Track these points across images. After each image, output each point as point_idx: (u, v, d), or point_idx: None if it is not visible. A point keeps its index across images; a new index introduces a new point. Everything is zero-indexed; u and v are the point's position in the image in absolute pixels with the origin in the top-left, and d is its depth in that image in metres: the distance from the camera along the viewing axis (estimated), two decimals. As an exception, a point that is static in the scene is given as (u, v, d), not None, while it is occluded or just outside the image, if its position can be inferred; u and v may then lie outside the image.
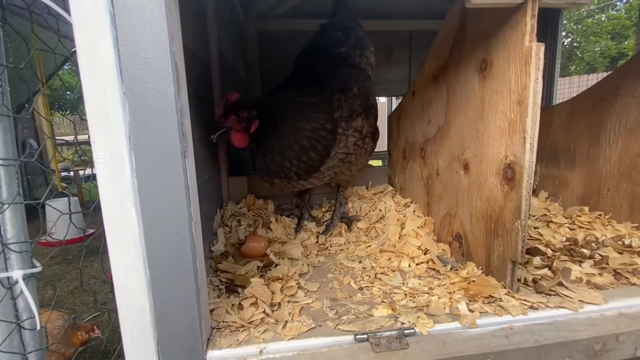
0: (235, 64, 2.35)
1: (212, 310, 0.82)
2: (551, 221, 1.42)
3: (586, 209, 1.41)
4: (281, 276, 1.02)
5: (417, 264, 1.11)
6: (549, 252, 1.15)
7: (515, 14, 0.78)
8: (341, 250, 1.28)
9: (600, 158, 1.36)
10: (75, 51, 0.57)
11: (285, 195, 1.71)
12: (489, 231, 0.93)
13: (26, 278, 0.62)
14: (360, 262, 1.15)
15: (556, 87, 2.56)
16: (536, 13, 0.75)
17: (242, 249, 1.24)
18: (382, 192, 1.69)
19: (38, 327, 0.61)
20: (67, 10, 0.57)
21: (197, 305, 0.68)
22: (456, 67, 1.05)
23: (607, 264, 1.03)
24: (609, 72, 1.34)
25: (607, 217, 1.33)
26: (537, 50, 0.74)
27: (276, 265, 1.13)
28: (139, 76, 0.59)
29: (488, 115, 0.91)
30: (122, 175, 0.61)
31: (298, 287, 0.97)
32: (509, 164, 0.84)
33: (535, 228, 1.37)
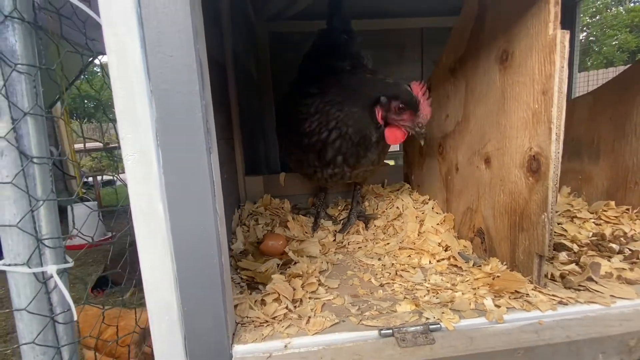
0: (247, 65, 2.38)
1: (235, 306, 0.82)
2: (575, 216, 1.38)
3: (612, 203, 1.36)
4: (301, 273, 1.02)
5: (438, 261, 1.09)
6: (575, 247, 1.12)
7: (537, 2, 0.76)
8: (359, 248, 1.27)
9: (626, 150, 1.32)
10: (91, 61, 0.59)
11: (301, 193, 1.72)
12: (513, 225, 0.91)
13: (60, 273, 0.64)
14: (379, 259, 1.14)
15: (576, 81, 2.50)
16: (560, 0, 0.73)
17: (261, 247, 1.25)
18: (398, 189, 1.67)
19: (75, 318, 0.63)
20: (97, 12, 0.59)
21: (223, 301, 0.69)
22: (475, 59, 1.03)
23: (638, 258, 0.99)
24: (629, 65, 1.30)
25: (635, 211, 1.29)
26: (562, 38, 0.72)
27: (295, 262, 1.13)
28: (165, 74, 0.60)
29: (510, 106, 0.89)
30: (150, 172, 0.63)
31: (319, 284, 0.97)
32: (533, 156, 0.82)
33: (559, 224, 1.33)
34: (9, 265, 0.59)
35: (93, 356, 1.32)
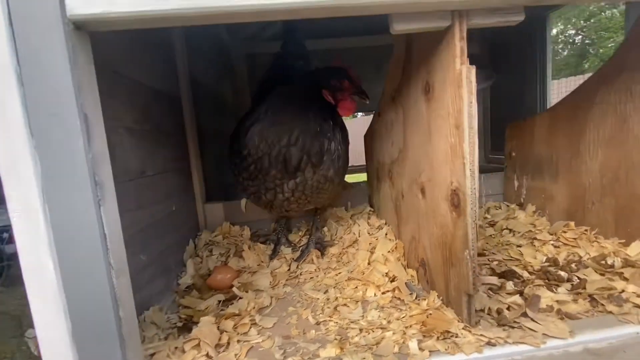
0: (219, 88, 2.39)
1: (152, 355, 0.80)
2: (535, 238, 1.35)
3: (572, 224, 1.33)
4: (238, 312, 1.00)
5: (382, 293, 1.06)
6: (526, 274, 1.08)
7: (445, 37, 0.76)
8: (311, 278, 1.24)
9: (582, 170, 1.29)
10: None
11: (263, 219, 1.70)
12: (445, 260, 0.88)
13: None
14: (325, 292, 1.11)
15: (549, 90, 2.48)
16: (465, 35, 0.72)
17: (208, 281, 1.22)
18: (360, 212, 1.65)
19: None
20: (-24, 72, 0.59)
21: (122, 355, 0.66)
22: (407, 89, 1.02)
23: (584, 288, 0.95)
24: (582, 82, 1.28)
25: (593, 232, 1.25)
26: (468, 74, 0.71)
27: (239, 298, 1.10)
28: (47, 131, 0.60)
29: (435, 138, 0.87)
30: (36, 228, 0.61)
31: (252, 324, 0.94)
32: (454, 190, 0.80)
33: (518, 247, 1.30)
34: None
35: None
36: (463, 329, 0.81)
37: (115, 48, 0.95)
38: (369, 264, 1.21)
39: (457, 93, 0.73)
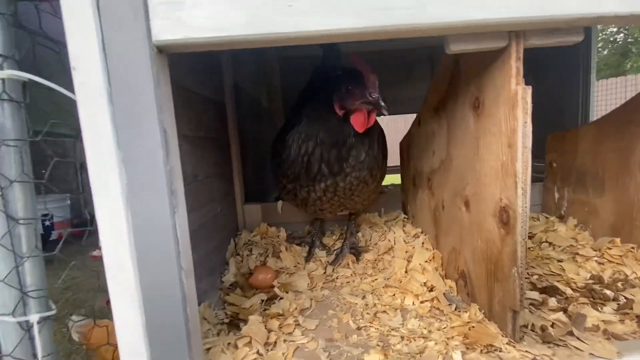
0: (255, 93, 2.47)
1: (208, 349, 0.86)
2: (578, 253, 1.32)
3: (618, 240, 1.29)
4: (282, 312, 1.05)
5: (421, 302, 1.08)
6: (569, 291, 1.07)
7: (500, 56, 0.76)
8: (347, 282, 1.28)
9: (631, 185, 1.25)
10: None
11: (298, 221, 1.75)
12: (489, 274, 0.89)
13: (41, 320, 0.71)
14: (363, 297, 1.15)
15: (592, 95, 2.39)
16: (521, 56, 0.73)
17: (250, 280, 1.29)
18: (394, 219, 1.66)
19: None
20: (72, 91, 0.66)
21: (189, 348, 0.72)
22: (454, 102, 1.03)
23: (631, 308, 0.94)
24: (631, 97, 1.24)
25: (641, 250, 1.21)
26: (524, 94, 0.72)
27: (280, 298, 1.16)
28: (132, 145, 0.66)
29: (483, 154, 0.88)
30: (120, 232, 0.68)
31: (296, 325, 0.99)
32: (503, 207, 0.81)
33: (559, 261, 1.28)
34: (-4, 316, 0.66)
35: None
36: (507, 344, 0.82)
37: (174, 60, 1.02)
38: (406, 272, 1.23)
39: (512, 113, 0.74)
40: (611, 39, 15.10)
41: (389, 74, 2.94)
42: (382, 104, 0.99)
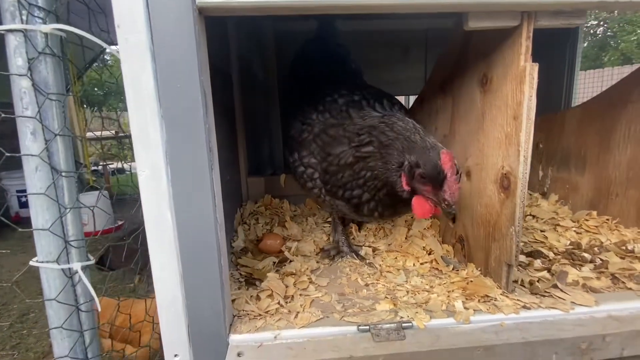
0: (253, 66, 2.46)
1: (233, 300, 0.93)
2: (558, 224, 1.45)
3: (594, 213, 1.43)
4: (295, 272, 1.13)
5: (421, 264, 1.18)
6: (552, 255, 1.20)
7: (512, 35, 0.83)
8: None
9: (609, 163, 1.38)
10: (103, 50, 0.68)
11: (300, 194, 1.81)
12: (487, 236, 0.99)
13: (83, 269, 0.75)
14: (368, 261, 1.24)
15: (576, 84, 2.53)
16: (531, 35, 0.80)
17: (259, 245, 1.35)
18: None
19: (99, 308, 0.74)
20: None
21: (222, 297, 0.79)
22: (460, 79, 1.10)
23: (607, 268, 1.07)
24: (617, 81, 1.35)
25: (614, 222, 1.35)
26: (531, 70, 0.79)
27: (290, 261, 1.23)
28: (173, 101, 0.70)
29: (488, 127, 0.97)
30: (159, 185, 0.73)
31: (309, 282, 1.07)
32: (505, 174, 0.90)
33: (541, 231, 1.41)
34: (42, 262, 0.70)
35: (109, 344, 1.46)
36: (501, 294, 0.93)
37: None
38: (406, 238, 1.33)
39: (519, 88, 0.82)
40: (591, 31, 15.52)
41: (385, 55, 2.97)
42: (452, 215, 0.85)
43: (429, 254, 1.23)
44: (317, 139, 1.11)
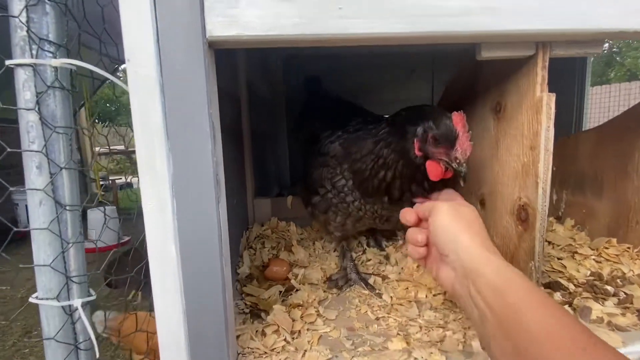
0: (261, 88, 2.48)
1: (238, 336, 0.89)
2: (576, 252, 1.39)
3: (614, 240, 1.37)
4: (302, 302, 1.08)
5: (434, 295, 1.13)
6: (572, 287, 1.14)
7: (526, 64, 0.82)
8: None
9: (628, 189, 1.33)
10: (116, 68, 0.67)
11: (307, 216, 1.78)
12: (505, 268, 0.95)
13: (84, 305, 0.72)
14: (378, 291, 1.19)
15: (587, 102, 2.50)
16: (547, 64, 0.78)
17: (265, 272, 1.32)
18: (401, 216, 1.71)
19: (96, 349, 0.71)
20: (125, 81, 0.68)
21: (226, 334, 0.75)
22: (472, 105, 1.08)
23: (632, 303, 1.01)
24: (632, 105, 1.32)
25: (635, 250, 1.29)
26: (549, 100, 0.77)
27: (297, 290, 1.19)
28: (181, 135, 0.69)
29: (503, 155, 0.94)
30: (164, 219, 0.71)
31: (317, 315, 1.03)
32: (522, 206, 0.86)
33: (559, 259, 1.35)
34: (42, 299, 0.68)
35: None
36: (521, 333, 0.87)
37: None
38: (417, 267, 1.28)
39: (535, 117, 0.80)
40: (597, 48, 15.57)
41: (391, 75, 2.99)
42: (463, 173, 0.86)
43: None
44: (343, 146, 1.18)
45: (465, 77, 1.12)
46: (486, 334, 0.56)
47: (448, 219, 0.69)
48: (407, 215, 0.84)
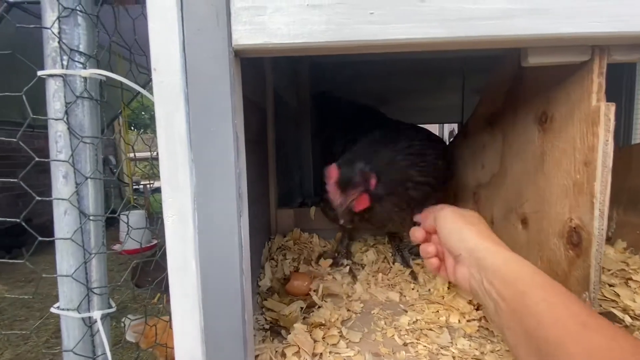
0: (286, 97, 2.48)
1: (256, 357, 0.85)
2: (630, 278, 1.24)
3: (676, 267, 1.21)
4: (324, 322, 1.03)
5: (467, 321, 1.04)
6: (628, 319, 1.01)
7: (579, 70, 0.73)
8: (386, 295, 1.25)
9: (693, 210, 1.18)
10: (150, 81, 0.67)
11: (330, 228, 1.73)
12: (551, 297, 0.85)
13: (103, 317, 0.71)
14: (405, 312, 1.11)
15: (636, 112, 2.30)
16: (604, 71, 0.70)
17: (286, 287, 1.27)
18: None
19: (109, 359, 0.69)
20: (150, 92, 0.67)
21: (244, 355, 0.71)
22: (512, 114, 1.00)
23: None
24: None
25: (703, 279, 1.14)
26: (607, 111, 0.68)
27: (319, 307, 1.14)
28: (205, 145, 0.67)
29: (550, 170, 0.85)
30: (186, 232, 0.68)
31: (340, 337, 0.97)
32: (574, 228, 0.77)
33: (610, 286, 1.21)
34: (63, 310, 0.67)
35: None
36: (572, 372, 0.77)
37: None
38: (448, 288, 1.19)
39: (590, 130, 0.71)
40: None
41: (420, 83, 2.92)
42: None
43: (477, 309, 1.08)
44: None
45: (504, 85, 1.04)
46: (502, 325, 0.58)
47: (452, 220, 0.74)
48: (416, 233, 0.89)
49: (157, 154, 0.68)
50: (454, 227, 0.72)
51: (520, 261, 0.61)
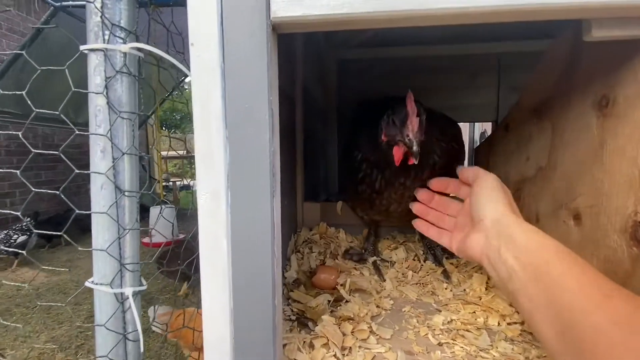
0: (314, 92, 2.47)
1: (284, 345, 0.82)
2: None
3: None
4: (352, 316, 0.99)
5: (508, 324, 0.96)
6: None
7: (651, 46, 0.65)
8: (417, 292, 1.19)
9: None
10: (182, 80, 0.66)
11: (356, 224, 1.68)
12: (610, 300, 0.76)
13: (134, 295, 0.71)
14: (439, 311, 1.05)
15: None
16: (684, 44, 0.62)
17: (313, 279, 1.24)
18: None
19: (141, 342, 0.68)
20: (187, 66, 0.66)
21: (273, 341, 0.69)
22: (565, 101, 0.92)
23: None
24: None
25: None
26: (686, 89, 0.60)
27: (346, 301, 1.10)
28: (239, 122, 0.65)
29: (610, 159, 0.77)
30: (218, 211, 0.67)
31: (370, 332, 0.93)
32: (639, 222, 0.68)
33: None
34: (97, 284, 0.67)
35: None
36: (635, 385, 0.69)
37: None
38: (486, 289, 1.12)
39: (665, 111, 0.63)
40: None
41: (451, 81, 2.81)
42: (414, 150, 0.87)
43: (518, 312, 1.00)
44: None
45: (556, 69, 0.96)
46: (513, 289, 0.60)
47: (493, 187, 0.75)
48: (421, 192, 0.97)
49: (186, 152, 0.67)
50: (492, 194, 0.73)
51: (543, 234, 0.64)
